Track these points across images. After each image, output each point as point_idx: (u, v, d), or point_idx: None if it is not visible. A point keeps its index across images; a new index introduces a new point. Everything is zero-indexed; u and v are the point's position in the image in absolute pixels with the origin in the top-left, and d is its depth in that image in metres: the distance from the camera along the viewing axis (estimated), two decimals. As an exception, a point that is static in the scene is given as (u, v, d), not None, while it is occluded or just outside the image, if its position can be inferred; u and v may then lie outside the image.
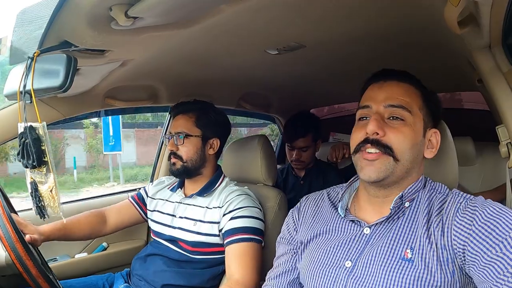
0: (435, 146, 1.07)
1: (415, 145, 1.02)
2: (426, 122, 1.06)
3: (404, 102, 1.03)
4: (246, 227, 1.56)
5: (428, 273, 0.91)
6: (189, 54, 1.54)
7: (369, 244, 1.02)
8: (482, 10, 0.93)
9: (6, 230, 1.20)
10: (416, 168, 1.05)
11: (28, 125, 1.13)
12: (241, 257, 1.51)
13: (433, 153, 1.07)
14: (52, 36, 1.07)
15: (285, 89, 2.50)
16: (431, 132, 1.07)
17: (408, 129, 1.01)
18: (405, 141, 1.00)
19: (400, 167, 1.00)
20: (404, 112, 1.02)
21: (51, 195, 1.19)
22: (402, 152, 1.00)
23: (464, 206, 0.93)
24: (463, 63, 1.49)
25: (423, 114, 1.06)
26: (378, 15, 1.22)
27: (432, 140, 1.07)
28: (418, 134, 1.03)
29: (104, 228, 1.85)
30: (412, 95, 1.06)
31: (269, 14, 1.16)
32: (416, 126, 1.03)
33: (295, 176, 2.75)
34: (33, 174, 1.21)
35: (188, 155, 1.71)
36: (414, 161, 1.02)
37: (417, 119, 1.04)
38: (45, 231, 1.54)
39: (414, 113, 1.03)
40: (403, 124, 1.02)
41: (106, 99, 1.86)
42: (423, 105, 1.06)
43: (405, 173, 1.02)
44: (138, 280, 1.70)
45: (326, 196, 1.22)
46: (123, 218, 1.90)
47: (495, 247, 0.83)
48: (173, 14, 1.04)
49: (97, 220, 1.81)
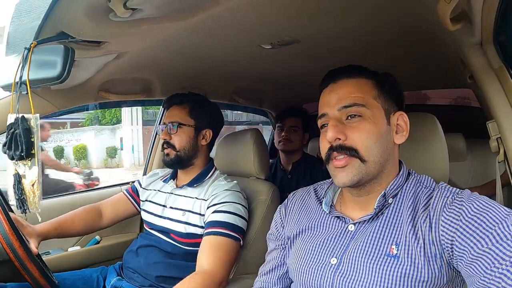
0: (405, 128, 1.04)
1: (380, 138, 1.00)
2: (388, 109, 1.04)
3: (356, 98, 1.01)
4: (226, 222, 1.57)
5: (414, 269, 0.91)
6: (184, 47, 1.55)
7: (353, 240, 1.02)
8: (474, 7, 0.95)
9: None
10: (390, 160, 1.03)
11: (20, 116, 1.13)
12: (214, 250, 1.51)
13: (404, 137, 1.04)
14: (49, 27, 1.07)
15: (278, 83, 2.51)
16: (396, 116, 1.05)
17: (368, 124, 1.00)
18: (368, 137, 0.99)
19: (371, 166, 0.99)
20: (359, 108, 1.01)
21: (32, 189, 1.18)
22: (367, 151, 0.99)
23: (451, 201, 0.93)
24: (455, 60, 1.51)
25: (381, 102, 1.03)
26: (372, 10, 1.23)
27: (400, 124, 1.05)
28: (381, 125, 1.01)
29: (99, 222, 1.85)
30: (363, 88, 1.03)
31: (264, 8, 1.17)
32: (377, 118, 1.01)
33: (282, 170, 2.78)
34: (17, 167, 1.18)
35: (181, 144, 1.72)
36: (384, 153, 1.01)
37: (375, 110, 1.02)
38: (42, 231, 1.54)
39: (370, 105, 1.01)
40: (362, 121, 1.00)
41: (100, 92, 1.85)
42: (379, 93, 1.04)
43: (379, 169, 1.01)
44: (131, 272, 1.70)
45: (312, 192, 1.22)
46: (118, 211, 1.91)
47: (481, 241, 0.83)
48: (171, 5, 1.04)
49: (91, 216, 1.82)
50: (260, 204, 1.76)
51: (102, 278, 1.78)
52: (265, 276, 1.23)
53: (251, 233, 1.70)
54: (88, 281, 1.75)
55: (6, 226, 1.20)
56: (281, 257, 1.21)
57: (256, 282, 1.26)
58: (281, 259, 1.21)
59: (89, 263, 2.02)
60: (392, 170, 1.05)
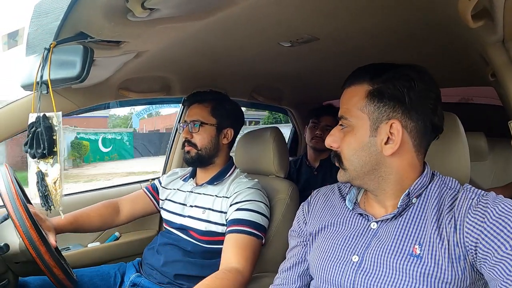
0: (394, 139, 0.97)
1: (360, 150, 1.00)
2: (378, 117, 0.99)
3: (343, 110, 1.04)
4: (250, 220, 1.57)
5: (438, 269, 0.90)
6: (203, 46, 1.55)
7: (376, 238, 1.02)
8: (496, 5, 0.92)
9: (20, 216, 1.22)
10: (383, 168, 1.00)
11: (42, 114, 1.14)
12: (241, 248, 1.51)
13: (393, 148, 0.97)
14: (68, 27, 1.08)
15: (297, 81, 2.50)
16: (388, 125, 0.98)
17: (349, 136, 1.02)
18: (349, 148, 1.02)
19: (353, 173, 1.03)
20: (344, 120, 1.03)
21: (54, 187, 1.19)
22: (347, 160, 1.03)
23: (476, 203, 0.91)
24: (476, 58, 1.47)
25: (368, 112, 0.99)
26: (391, 8, 1.21)
27: (393, 133, 0.97)
28: (362, 137, 1.00)
29: (116, 218, 1.87)
30: (354, 98, 1.02)
31: (282, 6, 1.16)
32: (358, 130, 1.00)
33: (309, 167, 2.75)
34: (39, 165, 1.20)
35: (202, 143, 1.73)
36: (367, 164, 1.00)
37: (359, 122, 1.00)
38: (59, 225, 1.56)
39: (354, 117, 1.01)
40: (347, 131, 1.03)
41: (120, 90, 1.87)
42: (369, 102, 0.99)
43: (364, 176, 1.02)
44: (150, 269, 1.72)
45: (336, 189, 1.22)
46: (136, 208, 1.92)
47: (505, 244, 0.82)
48: (188, 5, 1.04)
49: (108, 211, 1.83)
50: (279, 203, 1.76)
51: (120, 274, 1.80)
52: (285, 273, 1.23)
53: (270, 232, 1.70)
54: (106, 277, 1.77)
55: (27, 223, 1.22)
56: (302, 254, 1.21)
57: (276, 279, 1.26)
58: (302, 256, 1.21)
59: (108, 259, 2.04)
60: (391, 177, 1.01)
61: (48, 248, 1.24)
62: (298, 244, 1.24)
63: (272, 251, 1.69)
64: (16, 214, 1.22)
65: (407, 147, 0.99)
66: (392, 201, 1.03)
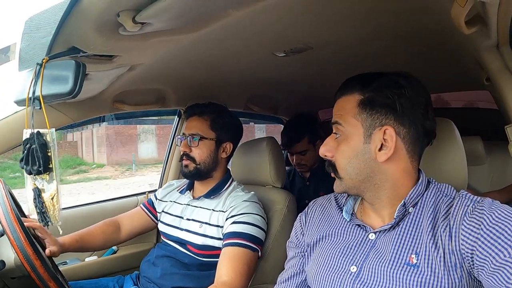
0: (388, 145, 0.97)
1: (354, 157, 1.00)
2: (372, 124, 0.99)
3: (336, 117, 1.04)
4: (245, 233, 1.56)
5: (434, 278, 0.89)
6: (197, 58, 1.55)
7: (374, 249, 1.01)
8: (489, 10, 0.93)
9: (14, 230, 1.21)
10: (378, 176, 1.00)
11: (36, 131, 1.13)
12: (234, 261, 1.50)
13: (387, 154, 0.97)
14: (60, 42, 1.07)
15: (292, 90, 2.50)
16: (381, 131, 0.98)
17: (344, 144, 1.02)
18: (343, 156, 1.02)
19: (348, 182, 1.03)
20: (339, 126, 1.04)
21: (52, 203, 1.18)
22: (341, 169, 1.03)
23: (472, 209, 0.91)
24: (471, 63, 1.48)
25: (361, 119, 1.00)
26: (385, 16, 1.21)
27: (387, 139, 0.97)
28: (356, 144, 1.00)
29: (118, 236, 1.86)
30: (346, 106, 1.03)
31: (275, 16, 1.16)
32: (353, 138, 1.01)
33: (301, 178, 2.74)
34: (35, 181, 1.19)
35: (201, 158, 1.72)
36: (363, 172, 1.00)
37: (352, 129, 1.01)
38: (64, 243, 1.56)
39: (348, 123, 1.01)
40: (341, 140, 1.03)
41: (115, 103, 1.87)
42: (361, 110, 1.00)
43: (360, 184, 1.02)
44: (147, 282, 1.71)
45: (333, 200, 1.21)
46: (135, 225, 1.91)
47: (503, 251, 0.81)
48: (180, 19, 1.04)
49: (110, 230, 1.83)
50: (276, 214, 1.75)
51: (119, 286, 1.79)
52: (284, 284, 1.22)
53: (268, 243, 1.69)
54: (104, 289, 1.76)
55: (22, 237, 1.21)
56: (300, 265, 1.21)
57: None
58: (300, 267, 1.20)
59: (106, 273, 2.03)
60: (386, 185, 1.01)
61: (43, 262, 1.23)
62: (296, 255, 1.23)
63: (271, 262, 1.69)
64: (10, 229, 1.21)
65: (401, 153, 0.99)
66: (388, 209, 1.03)
